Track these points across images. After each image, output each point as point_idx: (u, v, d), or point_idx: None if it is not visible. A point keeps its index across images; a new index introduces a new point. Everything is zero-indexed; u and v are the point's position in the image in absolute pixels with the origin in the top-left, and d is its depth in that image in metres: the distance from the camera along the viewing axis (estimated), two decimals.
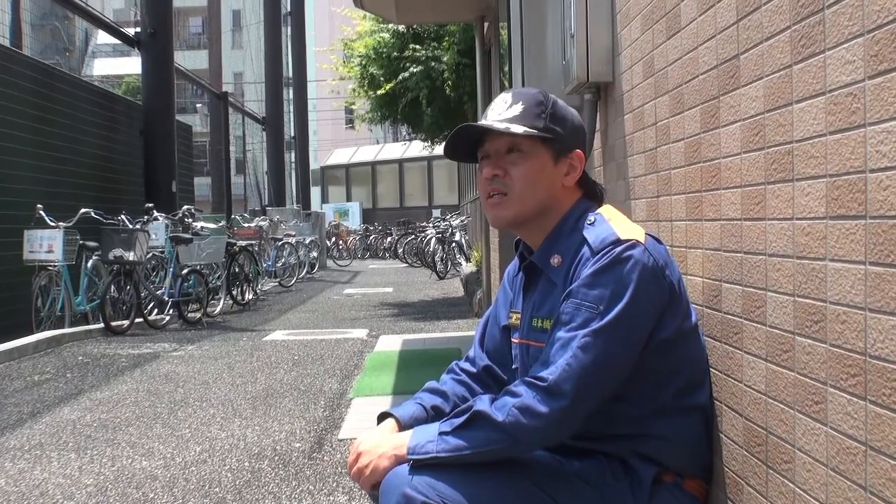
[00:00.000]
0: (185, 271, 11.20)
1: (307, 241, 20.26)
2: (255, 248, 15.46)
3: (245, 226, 17.42)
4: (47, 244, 9.79)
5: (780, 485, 1.80)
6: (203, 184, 26.49)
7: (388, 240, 29.48)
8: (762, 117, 1.84)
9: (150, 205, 11.93)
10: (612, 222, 2.10)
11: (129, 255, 10.12)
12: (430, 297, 14.42)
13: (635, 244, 2.02)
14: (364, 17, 13.28)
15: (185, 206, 12.91)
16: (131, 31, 14.90)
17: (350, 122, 31.06)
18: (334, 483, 4.22)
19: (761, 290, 1.87)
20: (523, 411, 1.93)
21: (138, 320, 10.40)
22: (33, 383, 7.06)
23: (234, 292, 13.17)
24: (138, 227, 10.85)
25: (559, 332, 2.00)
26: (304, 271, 19.43)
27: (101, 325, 10.03)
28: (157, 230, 11.35)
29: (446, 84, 12.12)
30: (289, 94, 29.68)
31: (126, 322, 10.22)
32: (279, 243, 17.72)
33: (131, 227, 10.77)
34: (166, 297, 11.10)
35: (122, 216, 11.18)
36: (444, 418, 2.06)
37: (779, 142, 1.76)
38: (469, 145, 2.26)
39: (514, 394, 1.97)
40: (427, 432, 2.03)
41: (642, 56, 2.84)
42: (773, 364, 1.82)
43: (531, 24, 4.28)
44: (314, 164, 38.03)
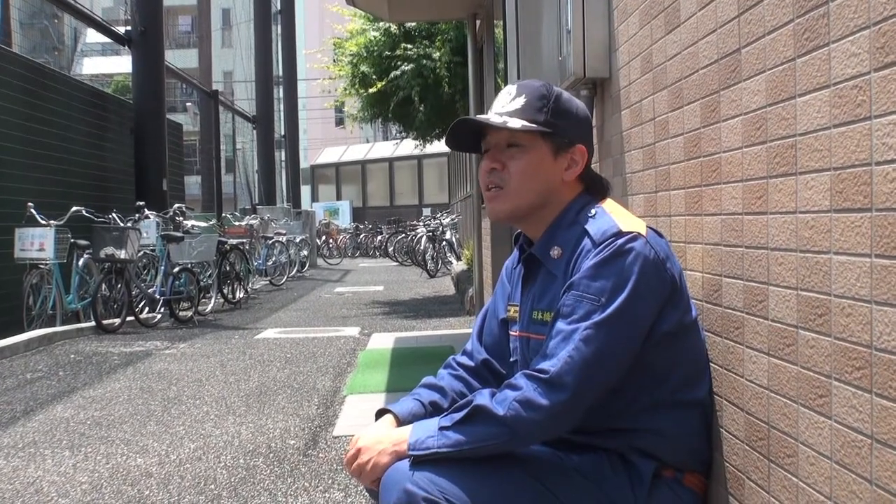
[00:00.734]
0: (176, 269, 11.18)
1: (297, 240, 20.25)
2: (246, 247, 15.44)
3: (236, 224, 17.38)
4: (38, 242, 9.77)
5: (783, 479, 1.79)
6: (193, 182, 26.41)
7: (379, 238, 29.47)
8: (764, 111, 1.84)
9: (141, 203, 11.92)
10: (613, 215, 2.10)
11: (121, 254, 10.10)
12: (420, 296, 14.42)
13: (637, 236, 2.02)
14: (355, 14, 13.25)
15: (176, 205, 12.88)
16: (122, 29, 14.85)
17: (340, 121, 31.01)
18: (330, 480, 4.21)
19: (763, 284, 1.87)
20: (524, 404, 1.93)
21: (130, 318, 10.38)
22: (25, 381, 7.03)
23: (225, 291, 13.15)
24: (129, 225, 10.83)
25: (560, 324, 2.00)
26: (295, 270, 19.43)
27: (93, 323, 9.99)
28: (149, 228, 11.34)
29: (440, 81, 12.11)
30: (279, 92, 29.62)
31: (117, 320, 10.20)
32: (270, 242, 17.70)
33: (122, 225, 10.74)
34: (157, 296, 11.07)
35: (114, 214, 11.14)
36: (444, 413, 2.06)
37: (781, 135, 1.76)
38: (473, 135, 2.27)
39: (514, 387, 1.97)
40: (427, 428, 2.02)
41: (640, 51, 2.83)
42: (775, 358, 1.82)
43: (527, 19, 4.28)
44: (304, 163, 38.02)
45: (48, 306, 9.94)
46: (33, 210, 9.90)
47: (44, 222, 9.84)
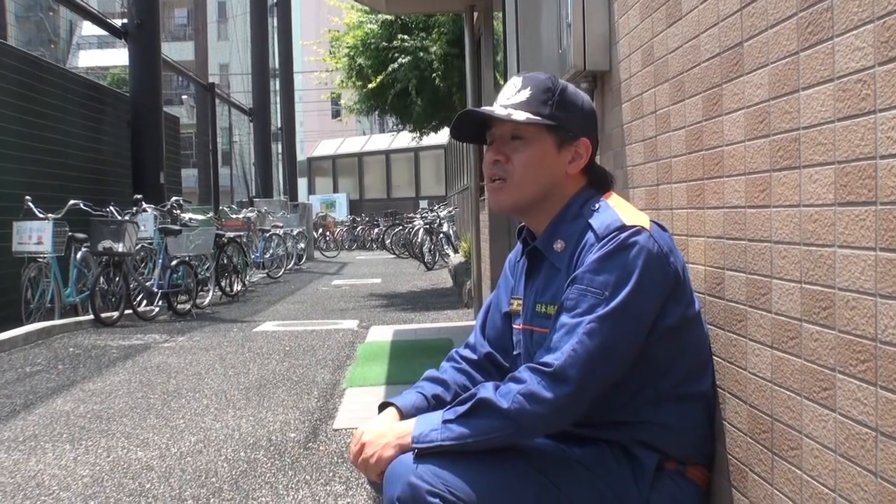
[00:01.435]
0: (174, 262, 11.18)
1: (295, 233, 20.22)
2: (244, 240, 15.43)
3: (233, 217, 17.38)
4: (36, 236, 9.77)
5: (787, 471, 1.80)
6: (190, 175, 26.43)
7: (376, 231, 29.45)
8: (767, 104, 1.84)
9: (139, 196, 11.89)
10: (616, 209, 2.10)
11: (119, 247, 10.10)
12: (418, 288, 14.42)
13: (640, 230, 2.03)
14: (352, 7, 13.22)
15: (174, 198, 12.88)
16: (118, 22, 14.81)
17: (337, 113, 30.97)
18: (331, 473, 4.21)
19: (766, 277, 1.87)
20: (528, 397, 1.94)
21: (128, 312, 10.38)
22: (25, 375, 7.04)
23: (222, 283, 13.17)
24: (127, 218, 10.82)
25: (564, 317, 2.01)
26: (292, 263, 19.40)
27: (91, 316, 9.99)
28: (146, 221, 11.33)
29: (435, 74, 12.10)
30: (275, 85, 29.59)
31: (116, 313, 10.20)
32: (267, 234, 17.69)
33: (120, 218, 10.73)
34: (155, 289, 11.06)
35: (111, 207, 11.11)
36: (448, 406, 2.06)
37: (785, 129, 1.76)
38: (477, 127, 2.27)
39: (518, 380, 1.97)
40: (431, 421, 2.03)
41: (641, 44, 2.83)
42: (778, 351, 1.82)
43: (527, 12, 4.27)
44: (301, 156, 37.93)
45: (46, 300, 9.94)
46: (31, 203, 9.89)
47: (41, 216, 9.83)
